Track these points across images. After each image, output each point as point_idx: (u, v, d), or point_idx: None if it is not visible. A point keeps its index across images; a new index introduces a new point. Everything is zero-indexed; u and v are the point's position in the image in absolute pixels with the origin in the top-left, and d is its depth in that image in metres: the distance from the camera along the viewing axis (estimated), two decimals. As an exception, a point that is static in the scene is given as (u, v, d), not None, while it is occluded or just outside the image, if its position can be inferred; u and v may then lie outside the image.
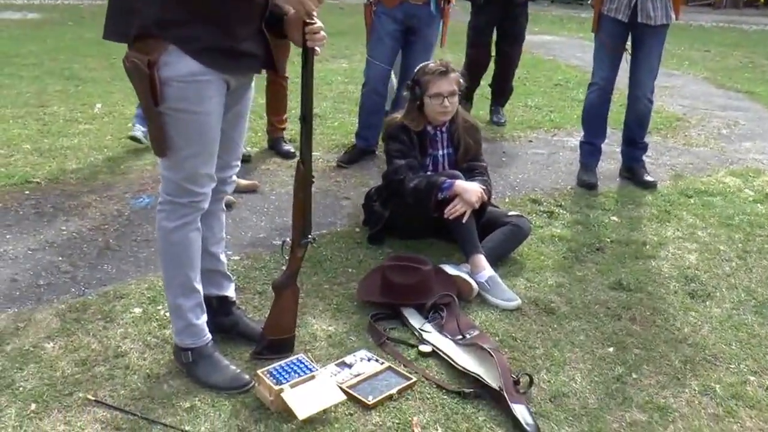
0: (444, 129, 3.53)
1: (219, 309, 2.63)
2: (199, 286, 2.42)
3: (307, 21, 2.23)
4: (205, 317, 2.47)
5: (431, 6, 4.40)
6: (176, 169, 2.26)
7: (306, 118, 2.36)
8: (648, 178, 4.64)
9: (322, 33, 2.26)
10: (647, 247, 3.70)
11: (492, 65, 5.98)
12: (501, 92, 6.08)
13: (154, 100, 2.13)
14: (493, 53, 5.93)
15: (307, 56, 2.29)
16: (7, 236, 3.48)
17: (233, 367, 2.44)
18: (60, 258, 3.30)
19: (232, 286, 2.72)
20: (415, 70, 3.55)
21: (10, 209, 3.79)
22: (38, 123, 5.33)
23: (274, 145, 4.96)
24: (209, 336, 2.47)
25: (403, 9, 4.40)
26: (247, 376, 2.41)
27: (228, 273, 2.69)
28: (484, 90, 6.25)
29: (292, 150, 4.84)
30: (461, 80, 3.48)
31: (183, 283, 2.38)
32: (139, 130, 4.61)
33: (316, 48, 2.27)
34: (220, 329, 2.60)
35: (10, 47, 8.70)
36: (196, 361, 2.43)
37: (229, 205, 2.67)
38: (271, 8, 2.26)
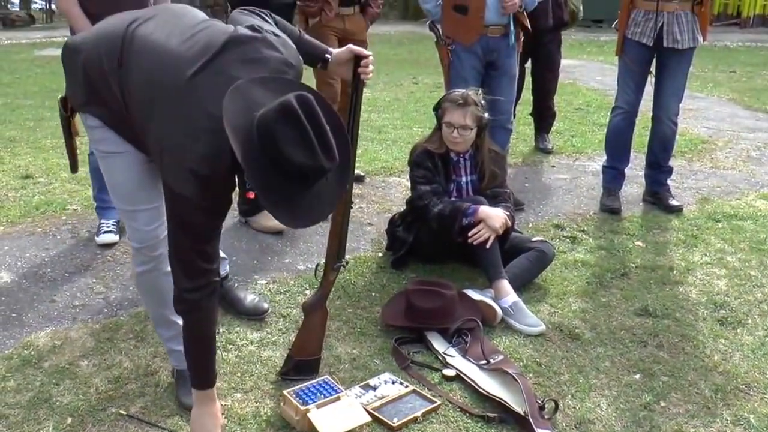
0: (467, 156, 3.54)
1: None
2: (175, 318, 2.40)
3: (363, 54, 2.40)
4: None
5: (510, 38, 4.21)
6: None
7: (352, 140, 2.41)
8: (673, 202, 4.55)
9: (371, 66, 2.44)
10: (674, 272, 3.64)
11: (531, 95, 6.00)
12: (541, 118, 6.03)
13: None
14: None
15: (357, 85, 2.45)
16: (46, 259, 3.58)
17: None
18: (94, 280, 3.38)
19: (225, 262, 3.02)
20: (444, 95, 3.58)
21: (48, 234, 3.89)
22: (75, 154, 5.44)
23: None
24: None
25: (482, 44, 4.20)
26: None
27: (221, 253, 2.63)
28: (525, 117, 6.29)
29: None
30: (483, 115, 3.45)
31: (160, 316, 2.48)
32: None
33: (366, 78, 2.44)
34: None
35: (51, 82, 8.90)
36: (176, 380, 2.54)
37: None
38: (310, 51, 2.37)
